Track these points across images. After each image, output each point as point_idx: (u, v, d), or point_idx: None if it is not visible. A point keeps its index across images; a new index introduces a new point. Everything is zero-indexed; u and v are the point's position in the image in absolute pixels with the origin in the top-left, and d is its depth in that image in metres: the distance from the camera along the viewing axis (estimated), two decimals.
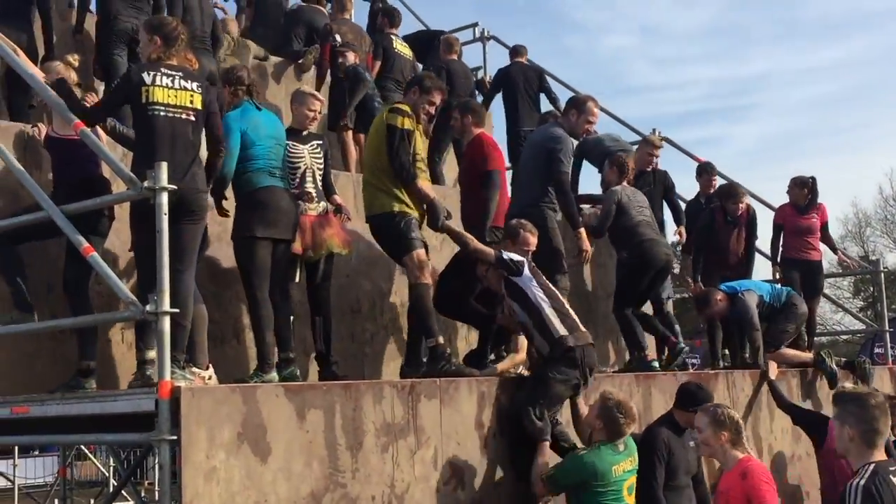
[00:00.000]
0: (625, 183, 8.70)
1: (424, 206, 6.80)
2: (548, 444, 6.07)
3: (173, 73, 5.66)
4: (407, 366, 7.06)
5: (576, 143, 8.33)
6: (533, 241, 6.98)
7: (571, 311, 6.52)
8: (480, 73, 12.81)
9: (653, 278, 8.36)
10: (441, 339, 6.59)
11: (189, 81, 5.72)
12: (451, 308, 7.35)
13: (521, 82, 11.05)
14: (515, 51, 11.58)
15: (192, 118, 5.69)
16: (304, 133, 7.12)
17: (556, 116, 9.02)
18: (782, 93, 63.74)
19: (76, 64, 6.57)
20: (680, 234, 9.93)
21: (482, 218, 7.32)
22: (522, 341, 7.11)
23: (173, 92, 5.62)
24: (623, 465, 5.88)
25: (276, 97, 10.53)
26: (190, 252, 5.67)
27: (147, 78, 5.57)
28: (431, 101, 6.98)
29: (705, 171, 10.60)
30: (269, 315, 6.37)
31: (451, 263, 7.48)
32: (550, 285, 6.65)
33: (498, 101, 11.32)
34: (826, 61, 63.39)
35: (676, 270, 11.83)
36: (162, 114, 5.55)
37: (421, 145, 6.97)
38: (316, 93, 7.47)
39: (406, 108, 6.84)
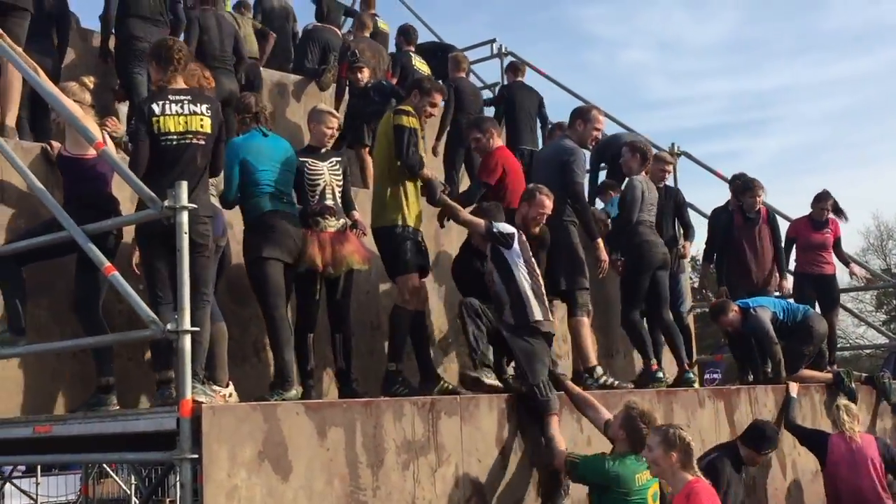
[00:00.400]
0: (644, 174, 8.68)
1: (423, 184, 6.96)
2: (556, 418, 6.18)
3: (181, 97, 5.72)
4: (422, 382, 7.05)
5: (587, 153, 8.29)
6: (548, 203, 7.21)
7: (546, 299, 6.73)
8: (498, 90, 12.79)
9: (653, 277, 8.33)
10: (401, 367, 6.75)
11: (198, 104, 5.76)
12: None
13: (522, 101, 11.04)
14: (514, 68, 11.58)
15: (202, 142, 5.73)
16: (323, 150, 7.15)
17: (562, 128, 9.03)
18: (801, 106, 63.68)
19: (91, 86, 6.61)
20: (685, 248, 9.81)
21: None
22: None
23: (183, 118, 5.67)
24: (646, 474, 5.86)
25: (296, 115, 10.59)
26: (200, 280, 5.66)
27: (156, 108, 5.64)
28: (432, 102, 7.10)
29: (749, 189, 10.14)
30: (287, 333, 6.38)
31: (462, 249, 7.59)
32: (535, 265, 6.79)
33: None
34: (845, 74, 63.23)
35: (696, 284, 11.82)
36: (174, 142, 5.63)
37: (424, 147, 7.13)
38: (332, 110, 7.50)
39: (409, 108, 6.96)
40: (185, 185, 4.97)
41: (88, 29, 9.54)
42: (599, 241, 7.74)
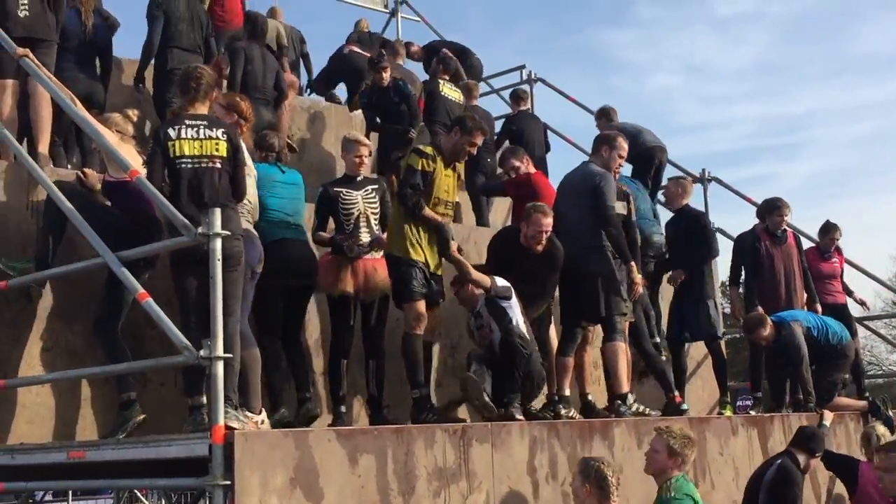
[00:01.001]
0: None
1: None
2: None
3: (197, 122, 5.78)
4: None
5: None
6: (545, 220, 7.30)
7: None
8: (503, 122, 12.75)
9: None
10: (425, 391, 6.75)
11: (214, 129, 5.80)
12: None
13: (530, 131, 11.01)
14: (518, 97, 11.55)
15: (219, 165, 5.76)
16: (359, 179, 7.21)
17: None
18: (831, 130, 63.35)
19: (134, 118, 6.69)
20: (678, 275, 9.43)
21: None
22: None
23: (198, 142, 5.72)
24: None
25: (327, 142, 10.64)
26: (230, 298, 5.62)
27: (172, 133, 5.70)
28: (473, 142, 7.02)
29: (776, 208, 9.96)
30: (262, 359, 6.24)
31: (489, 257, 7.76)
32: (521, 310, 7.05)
33: None
34: (875, 98, 62.81)
35: (727, 310, 11.72)
36: (189, 166, 5.67)
37: (448, 186, 7.02)
38: (362, 138, 7.54)
39: (429, 150, 6.96)
40: (218, 212, 5.00)
41: (122, 58, 9.63)
42: (633, 264, 7.69)
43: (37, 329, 6.14)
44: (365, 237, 7.01)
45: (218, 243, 4.93)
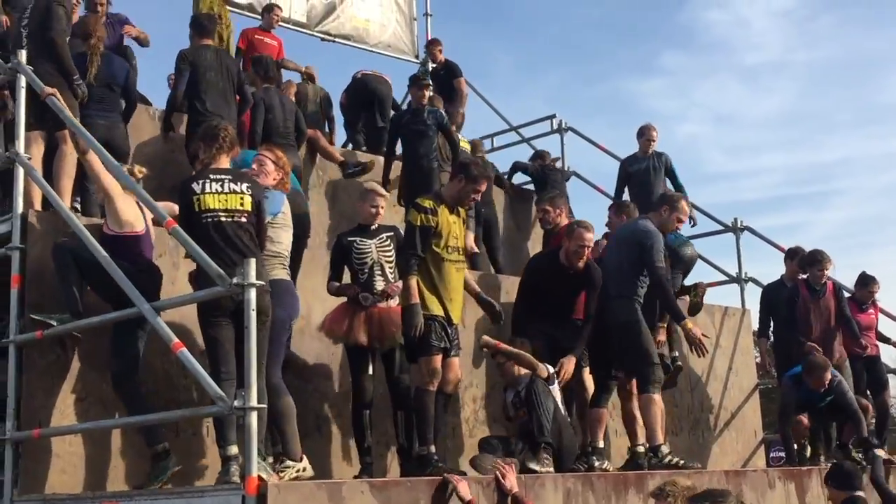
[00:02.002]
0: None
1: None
2: None
3: (221, 176, 5.85)
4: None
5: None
6: (588, 235, 7.41)
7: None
8: (559, 164, 12.83)
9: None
10: (433, 449, 6.58)
11: (238, 183, 5.89)
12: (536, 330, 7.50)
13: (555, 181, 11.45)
14: (541, 156, 12.16)
15: (243, 219, 5.83)
16: (373, 227, 7.25)
17: (627, 207, 8.96)
18: (862, 178, 63.21)
19: (140, 176, 6.77)
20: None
21: None
22: None
23: (223, 196, 5.79)
24: None
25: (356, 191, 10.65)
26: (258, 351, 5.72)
27: (196, 187, 5.77)
28: (477, 189, 6.91)
29: (817, 262, 9.97)
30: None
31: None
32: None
33: None
34: None
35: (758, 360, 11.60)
36: (214, 219, 5.73)
37: (457, 232, 6.89)
38: (380, 188, 7.58)
39: (427, 203, 6.77)
40: (253, 262, 5.04)
41: (157, 108, 9.74)
42: (687, 321, 7.62)
43: (70, 379, 6.14)
44: (379, 285, 7.01)
45: (253, 293, 4.96)
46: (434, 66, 12.86)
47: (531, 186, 12.29)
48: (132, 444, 6.28)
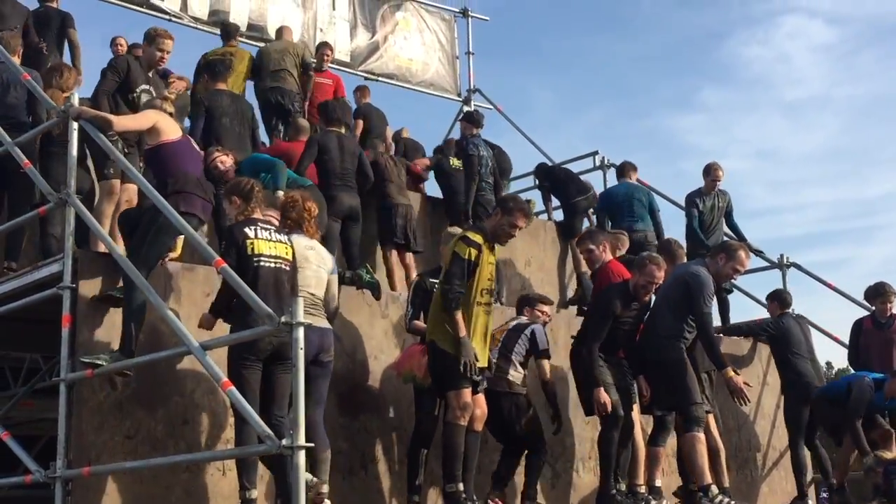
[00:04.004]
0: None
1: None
2: None
3: (268, 226, 6.20)
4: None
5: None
6: (658, 273, 7.34)
7: None
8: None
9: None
10: (461, 487, 6.55)
11: (281, 234, 6.25)
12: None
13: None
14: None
15: (287, 267, 6.14)
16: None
17: (677, 246, 8.90)
18: None
19: (173, 97, 7.04)
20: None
21: None
22: None
23: (272, 244, 6.11)
24: None
25: None
26: (283, 396, 5.92)
27: (250, 232, 6.07)
28: (514, 223, 6.83)
29: (879, 295, 9.84)
30: None
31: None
32: None
33: None
34: None
35: None
36: (265, 263, 5.99)
37: (491, 272, 6.86)
38: (456, 230, 7.65)
39: (477, 237, 6.74)
40: (301, 301, 5.08)
41: None
42: (728, 369, 7.56)
43: (120, 416, 6.20)
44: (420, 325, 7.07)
45: (300, 332, 4.98)
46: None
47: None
48: (181, 482, 6.32)
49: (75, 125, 6.46)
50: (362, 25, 14.38)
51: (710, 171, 11.02)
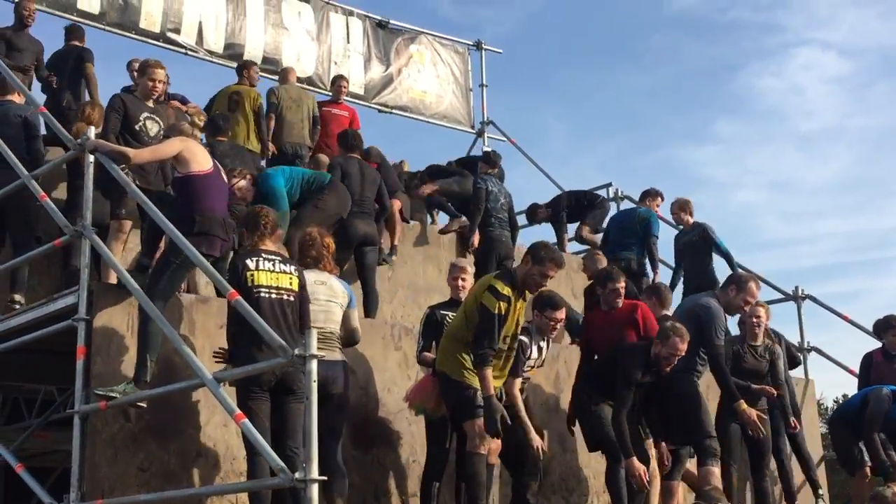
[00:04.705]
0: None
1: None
2: None
3: (272, 257, 6.17)
4: None
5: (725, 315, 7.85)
6: (682, 346, 7.07)
7: None
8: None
9: None
10: None
11: (287, 265, 6.21)
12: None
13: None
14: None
15: (291, 298, 6.11)
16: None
17: (666, 290, 8.83)
18: None
19: (201, 123, 7.03)
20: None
21: None
22: None
23: (274, 275, 6.10)
24: None
25: (415, 260, 10.72)
26: (295, 427, 5.90)
27: (251, 263, 6.07)
28: (545, 273, 6.65)
29: (890, 327, 9.68)
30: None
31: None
32: None
33: None
34: None
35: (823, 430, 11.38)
36: (266, 295, 5.98)
37: (520, 318, 6.77)
38: (464, 263, 7.73)
39: (507, 291, 6.59)
40: (314, 333, 5.06)
41: None
42: (741, 403, 7.51)
43: (134, 449, 6.20)
44: None
45: (314, 365, 4.97)
46: None
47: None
48: None
49: (91, 158, 6.50)
50: (376, 58, 14.49)
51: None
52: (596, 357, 7.68)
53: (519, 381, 7.15)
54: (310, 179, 8.67)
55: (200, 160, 6.53)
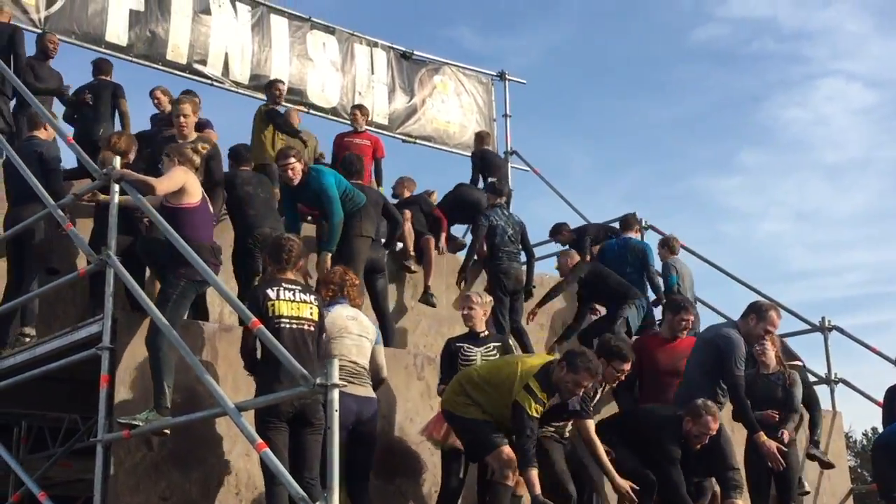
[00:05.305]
0: None
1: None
2: None
3: (293, 287, 6.17)
4: None
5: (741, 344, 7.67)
6: (713, 425, 6.98)
7: None
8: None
9: None
10: None
11: (307, 294, 6.21)
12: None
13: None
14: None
15: (312, 328, 6.11)
16: (482, 335, 7.32)
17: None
18: None
19: (204, 152, 7.18)
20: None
21: None
22: None
23: (295, 305, 6.10)
24: None
25: (436, 289, 10.69)
26: (312, 459, 5.93)
27: (272, 293, 6.07)
28: (578, 382, 6.47)
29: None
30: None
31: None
32: None
33: None
34: None
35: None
36: (285, 325, 5.98)
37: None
38: (473, 295, 7.61)
39: (543, 395, 6.45)
40: (336, 362, 5.06)
41: None
42: (761, 434, 7.44)
43: (155, 478, 6.20)
44: None
45: (335, 394, 4.96)
46: None
47: None
48: None
49: (116, 187, 6.54)
50: (400, 89, 14.57)
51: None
52: (638, 383, 7.70)
53: (592, 422, 6.89)
54: (350, 194, 8.49)
55: (193, 192, 6.62)
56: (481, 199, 10.88)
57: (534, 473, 6.28)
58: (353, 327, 6.57)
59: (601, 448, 6.77)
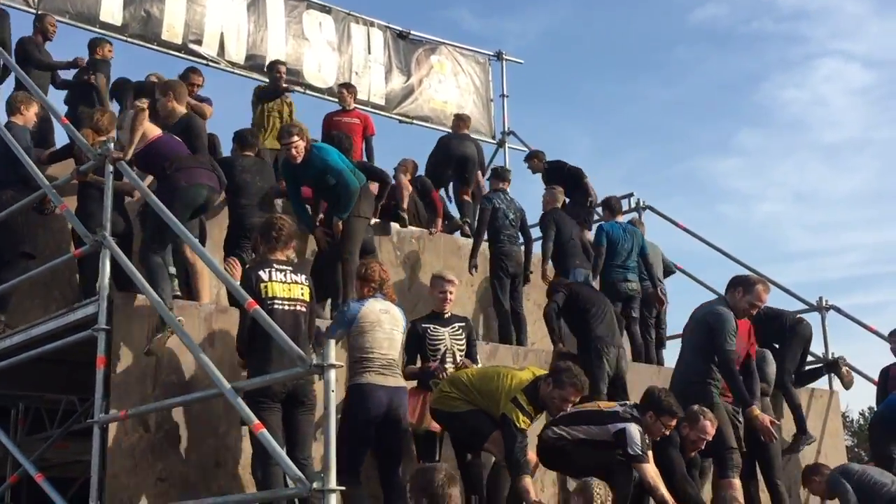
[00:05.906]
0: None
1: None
2: None
3: (284, 267, 6.19)
4: None
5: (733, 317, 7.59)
6: (711, 430, 6.97)
7: None
8: None
9: None
10: None
11: (298, 275, 6.22)
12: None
13: None
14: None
15: (304, 309, 6.13)
16: (446, 316, 7.36)
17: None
18: None
19: (145, 105, 7.11)
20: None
21: None
22: None
23: (286, 286, 6.12)
24: None
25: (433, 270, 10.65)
26: (305, 438, 6.02)
27: (263, 275, 6.09)
28: (565, 397, 6.53)
29: None
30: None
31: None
32: None
33: None
34: None
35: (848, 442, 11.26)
36: (279, 306, 6.00)
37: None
38: (449, 275, 7.60)
39: (530, 408, 6.53)
40: (332, 343, 5.07)
41: None
42: (754, 408, 7.44)
43: (153, 459, 6.20)
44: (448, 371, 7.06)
45: (332, 374, 4.96)
46: None
47: None
48: None
49: (110, 168, 6.52)
50: (397, 69, 14.48)
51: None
52: None
53: (650, 466, 6.69)
54: (353, 173, 8.38)
55: (150, 131, 6.77)
56: (466, 153, 11.38)
57: (528, 481, 6.34)
58: (386, 321, 6.64)
59: (663, 490, 6.62)
